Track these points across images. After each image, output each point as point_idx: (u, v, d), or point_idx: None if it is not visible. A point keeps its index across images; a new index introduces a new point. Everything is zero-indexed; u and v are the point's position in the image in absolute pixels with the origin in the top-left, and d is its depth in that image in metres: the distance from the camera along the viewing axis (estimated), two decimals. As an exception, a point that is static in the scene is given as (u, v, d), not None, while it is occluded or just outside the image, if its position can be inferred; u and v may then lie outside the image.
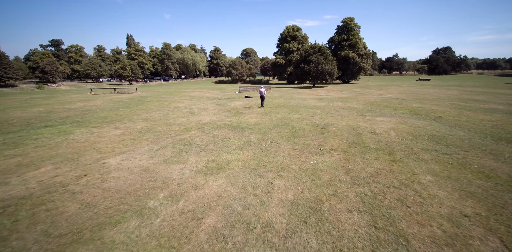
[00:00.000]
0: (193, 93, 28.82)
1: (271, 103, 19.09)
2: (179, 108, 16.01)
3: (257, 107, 16.81)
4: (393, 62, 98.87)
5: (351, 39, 58.68)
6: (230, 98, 23.80)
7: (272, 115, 13.43)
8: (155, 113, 14.18)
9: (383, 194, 4.81)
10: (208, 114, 14.02)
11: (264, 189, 4.96)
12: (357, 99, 21.89)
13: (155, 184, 5.19)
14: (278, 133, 9.45)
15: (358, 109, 15.50)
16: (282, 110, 15.01)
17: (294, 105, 17.60)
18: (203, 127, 10.61)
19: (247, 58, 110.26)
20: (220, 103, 19.08)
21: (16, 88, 55.22)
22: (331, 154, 7.08)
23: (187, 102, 19.31)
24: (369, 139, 8.64)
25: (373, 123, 11.28)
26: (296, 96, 24.67)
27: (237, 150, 7.38)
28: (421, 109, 15.67)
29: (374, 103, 18.83)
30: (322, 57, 40.64)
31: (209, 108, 16.22)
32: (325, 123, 11.22)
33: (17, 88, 53.47)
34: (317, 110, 15.09)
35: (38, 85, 51.35)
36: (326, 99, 21.65)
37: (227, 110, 15.37)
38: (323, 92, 30.02)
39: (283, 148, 7.60)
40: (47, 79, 73.38)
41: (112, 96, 25.62)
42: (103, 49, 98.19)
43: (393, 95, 25.40)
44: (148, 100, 21.41)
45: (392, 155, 7.03)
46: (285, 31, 63.58)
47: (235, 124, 11.04)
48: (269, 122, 11.56)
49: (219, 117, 12.88)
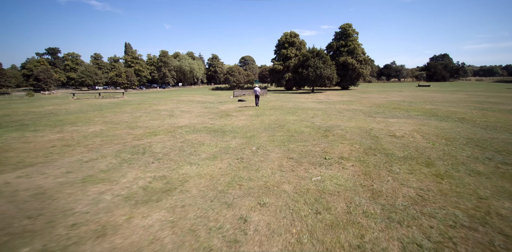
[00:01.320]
0: (184, 98, 26.73)
1: (265, 105, 16.94)
2: (158, 111, 13.81)
3: (249, 110, 14.67)
4: (392, 69, 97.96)
5: (350, 45, 57.57)
6: (222, 102, 21.69)
7: (265, 117, 11.25)
8: (125, 115, 11.96)
9: (451, 244, 2.52)
10: (190, 117, 11.81)
11: (228, 236, 2.66)
12: (361, 102, 19.80)
13: (32, 224, 2.89)
14: (268, 137, 7.21)
15: (365, 111, 13.35)
16: (277, 112, 12.84)
17: (291, 107, 15.45)
18: (176, 130, 8.38)
19: (246, 65, 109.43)
20: (208, 107, 16.92)
21: (5, 95, 53.28)
22: (342, 165, 4.82)
23: (171, 105, 17.15)
24: (390, 143, 6.41)
25: (388, 125, 9.07)
26: (294, 100, 22.59)
27: (206, 160, 5.12)
28: (437, 110, 13.52)
29: (381, 105, 16.71)
30: (321, 62, 39.02)
31: (193, 111, 14.03)
32: (329, 125, 9.02)
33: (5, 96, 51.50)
34: (318, 112, 12.92)
35: (28, 93, 49.36)
36: (326, 102, 19.55)
37: (213, 113, 13.19)
38: (323, 97, 28.02)
39: (273, 157, 5.34)
40: (40, 87, 71.72)
41: (93, 100, 23.48)
42: (100, 57, 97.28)
43: (397, 98, 23.35)
44: (129, 103, 19.25)
45: (432, 166, 4.77)
46: (283, 37, 62.64)
47: (217, 128, 8.82)
48: (260, 124, 9.36)
49: (201, 120, 10.67)
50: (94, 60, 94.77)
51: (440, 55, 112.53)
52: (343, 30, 60.10)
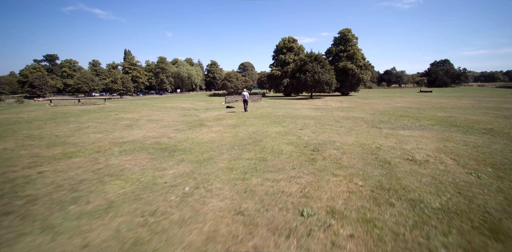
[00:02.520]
0: (169, 104, 24.59)
1: (253, 113, 14.67)
2: (119, 120, 11.56)
3: (231, 118, 12.40)
4: (392, 75, 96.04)
5: (349, 50, 55.83)
6: (209, 108, 19.48)
7: (243, 128, 8.96)
8: (67, 127, 9.61)
9: None
10: (152, 128, 9.54)
11: None
12: (362, 108, 17.51)
13: None
14: (229, 162, 4.90)
15: (368, 120, 11.03)
16: (261, 122, 10.54)
17: (281, 115, 13.16)
18: (110, 149, 6.08)
19: (245, 71, 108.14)
20: (188, 114, 14.68)
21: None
22: (330, 235, 2.48)
23: (144, 113, 14.92)
24: (410, 175, 4.06)
25: (400, 140, 6.72)
26: (288, 106, 20.34)
27: (82, 219, 2.80)
28: (453, 119, 11.17)
29: (385, 112, 14.40)
30: (319, 66, 37.06)
31: (163, 120, 11.78)
32: (321, 140, 6.70)
33: (-5, 102, 49.72)
34: (310, 121, 10.60)
35: (18, 99, 47.63)
36: (323, 109, 17.28)
37: (186, 123, 10.92)
38: (321, 103, 25.78)
39: (211, 210, 3.00)
40: (35, 93, 70.31)
41: (68, 108, 21.35)
42: (98, 64, 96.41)
43: (402, 104, 21.06)
44: (100, 111, 17.06)
45: (503, 233, 2.44)
46: (281, 42, 61.13)
47: (171, 144, 6.53)
48: (231, 139, 7.06)
49: (161, 133, 8.39)
50: (92, 67, 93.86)
51: (441, 61, 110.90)
52: (342, 35, 58.52)
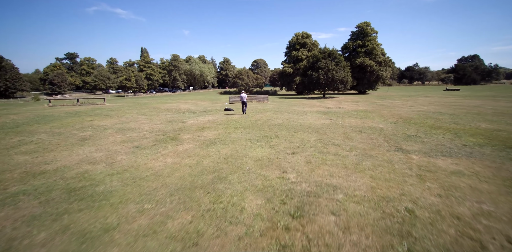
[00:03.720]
0: (168, 105, 22.86)
1: (247, 119, 12.34)
2: (82, 130, 9.67)
3: (218, 127, 10.17)
4: (414, 72, 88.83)
5: (367, 45, 51.48)
6: (206, 111, 17.42)
7: (218, 147, 6.70)
8: (10, 141, 7.92)
9: None
10: (110, 142, 7.56)
11: None
12: (381, 113, 14.60)
13: None
14: (130, 246, 2.69)
15: (388, 134, 8.36)
16: (247, 136, 8.22)
17: (278, 124, 10.71)
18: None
19: (257, 69, 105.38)
20: (175, 120, 12.67)
21: (17, 99, 53.15)
22: None
23: (125, 118, 13.07)
24: None
25: (444, 187, 4.11)
26: (294, 109, 17.77)
27: None
28: (507, 135, 8.19)
29: (410, 120, 11.48)
30: (333, 63, 33.75)
31: (138, 129, 9.81)
32: (313, 184, 4.25)
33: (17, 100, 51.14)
34: (311, 136, 8.10)
35: (34, 97, 48.64)
36: (334, 114, 14.57)
37: (161, 134, 8.87)
38: (333, 104, 22.85)
39: None
40: (55, 90, 72.32)
41: (62, 108, 20.21)
42: (115, 62, 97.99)
43: (429, 107, 17.75)
44: (83, 114, 15.54)
45: None
46: (294, 38, 57.77)
47: (97, 179, 4.44)
48: (186, 172, 4.85)
49: (113, 152, 6.36)
50: (110, 65, 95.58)
51: (469, 57, 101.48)
52: (361, 29, 54.12)
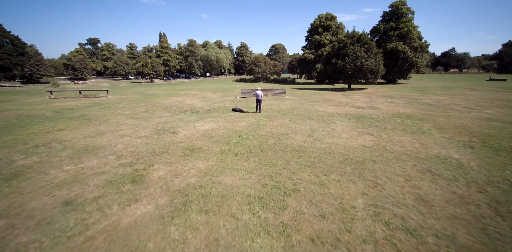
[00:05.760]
0: (175, 99, 20.11)
1: (255, 133, 9.13)
2: (32, 150, 7.12)
3: (221, 144, 7.17)
4: (451, 58, 78.01)
5: (402, 27, 44.40)
6: (212, 110, 14.43)
7: (186, 224, 3.74)
8: None
9: None
10: (30, 190, 4.91)
11: None
12: (435, 122, 10.68)
13: None
14: None
15: (479, 180, 4.85)
16: (247, 181, 5.04)
17: (298, 147, 7.39)
18: None
19: (275, 54, 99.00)
20: (168, 128, 9.85)
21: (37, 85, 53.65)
22: None
23: (105, 126, 10.40)
24: None
25: None
26: (317, 110, 14.17)
27: None
28: None
29: (489, 140, 7.62)
30: (363, 50, 28.63)
31: (105, 149, 7.07)
32: None
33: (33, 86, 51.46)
34: (354, 188, 4.70)
35: (53, 83, 48.46)
36: (371, 121, 10.88)
37: (125, 162, 6.08)
38: (363, 100, 18.75)
39: None
40: (77, 76, 72.80)
41: (58, 103, 18.20)
42: (134, 47, 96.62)
43: (493, 111, 13.34)
44: (64, 116, 13.19)
45: None
46: (316, 20, 51.46)
47: None
48: None
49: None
50: (130, 50, 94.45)
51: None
52: (394, 9, 46.64)
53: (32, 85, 54.22)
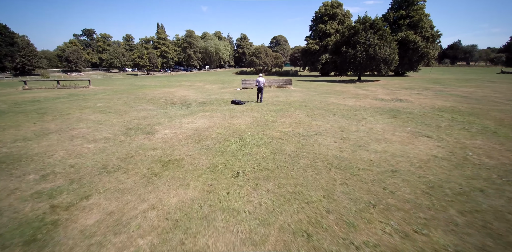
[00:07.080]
0: (166, 90, 17.30)
1: (262, 134, 6.45)
2: None
3: (214, 151, 4.55)
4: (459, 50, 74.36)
5: (413, 15, 40.99)
6: (207, 103, 11.72)
7: None
8: None
9: None
10: None
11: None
12: (492, 116, 8.00)
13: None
14: None
15: None
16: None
17: (334, 161, 4.77)
18: None
19: (277, 46, 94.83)
20: (144, 126, 7.20)
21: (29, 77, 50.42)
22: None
23: (58, 122, 7.72)
24: None
25: None
26: (335, 103, 11.43)
27: None
28: None
29: None
30: (376, 37, 25.54)
31: (36, 162, 4.48)
32: None
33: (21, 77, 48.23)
34: None
35: (43, 75, 45.28)
36: (410, 116, 8.20)
37: (41, 204, 3.49)
38: (382, 92, 15.95)
39: None
40: (71, 68, 69.26)
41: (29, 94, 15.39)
42: (131, 39, 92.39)
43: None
44: (26, 110, 10.46)
45: None
46: (321, 8, 47.77)
47: None
48: None
49: None
50: (126, 42, 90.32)
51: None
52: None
53: (22, 77, 50.96)
